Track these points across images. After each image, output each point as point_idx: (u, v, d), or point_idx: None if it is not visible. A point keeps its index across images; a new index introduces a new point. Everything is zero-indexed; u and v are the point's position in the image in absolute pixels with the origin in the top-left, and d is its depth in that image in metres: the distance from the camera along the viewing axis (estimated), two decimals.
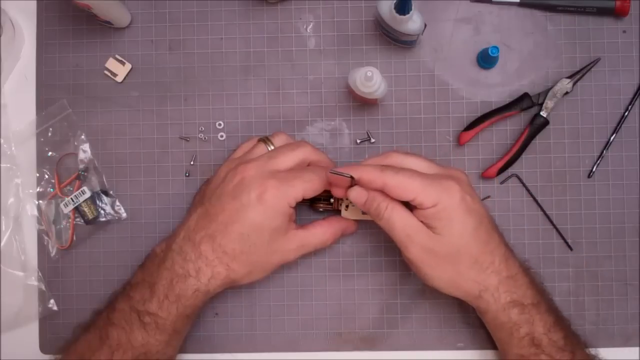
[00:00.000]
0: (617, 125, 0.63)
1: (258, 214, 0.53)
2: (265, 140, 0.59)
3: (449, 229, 0.52)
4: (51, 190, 0.64)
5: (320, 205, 0.62)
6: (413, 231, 0.52)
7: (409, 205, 0.53)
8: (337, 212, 0.62)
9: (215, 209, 0.54)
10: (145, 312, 0.54)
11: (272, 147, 0.58)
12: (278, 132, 0.60)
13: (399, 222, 0.52)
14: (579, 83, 0.62)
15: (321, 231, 0.58)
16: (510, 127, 0.63)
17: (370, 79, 0.55)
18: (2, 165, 0.65)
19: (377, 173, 0.52)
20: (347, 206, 0.61)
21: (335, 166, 0.61)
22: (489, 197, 0.63)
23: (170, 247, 0.55)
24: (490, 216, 0.55)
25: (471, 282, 0.53)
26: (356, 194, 0.54)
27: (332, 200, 0.62)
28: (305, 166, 0.57)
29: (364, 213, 0.59)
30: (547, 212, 0.63)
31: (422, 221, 0.52)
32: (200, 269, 0.54)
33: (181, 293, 0.54)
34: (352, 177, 0.52)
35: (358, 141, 0.64)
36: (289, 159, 0.56)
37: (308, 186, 0.54)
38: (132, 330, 0.53)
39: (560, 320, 0.54)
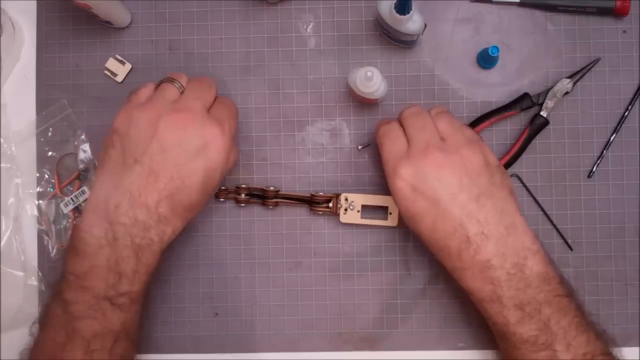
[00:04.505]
0: (617, 125, 0.63)
1: (211, 161, 0.53)
2: (171, 80, 0.56)
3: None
4: (51, 190, 0.64)
5: (319, 208, 0.62)
6: (397, 159, 0.53)
7: None
8: (336, 215, 0.62)
9: (160, 165, 0.52)
10: (118, 294, 0.51)
11: (179, 85, 0.56)
12: (175, 72, 0.58)
13: (386, 147, 0.55)
14: (579, 83, 0.62)
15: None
16: (510, 127, 0.63)
17: (370, 79, 0.55)
18: (2, 165, 0.65)
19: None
20: (345, 209, 0.61)
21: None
22: None
23: (117, 222, 0.51)
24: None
25: (449, 224, 0.51)
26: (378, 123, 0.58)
27: (330, 204, 0.62)
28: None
29: (362, 218, 0.60)
30: (547, 212, 0.63)
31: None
32: (163, 231, 0.53)
33: (149, 262, 0.52)
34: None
35: (359, 147, 0.64)
36: (211, 96, 0.56)
37: (236, 120, 0.58)
38: (106, 316, 0.51)
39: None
